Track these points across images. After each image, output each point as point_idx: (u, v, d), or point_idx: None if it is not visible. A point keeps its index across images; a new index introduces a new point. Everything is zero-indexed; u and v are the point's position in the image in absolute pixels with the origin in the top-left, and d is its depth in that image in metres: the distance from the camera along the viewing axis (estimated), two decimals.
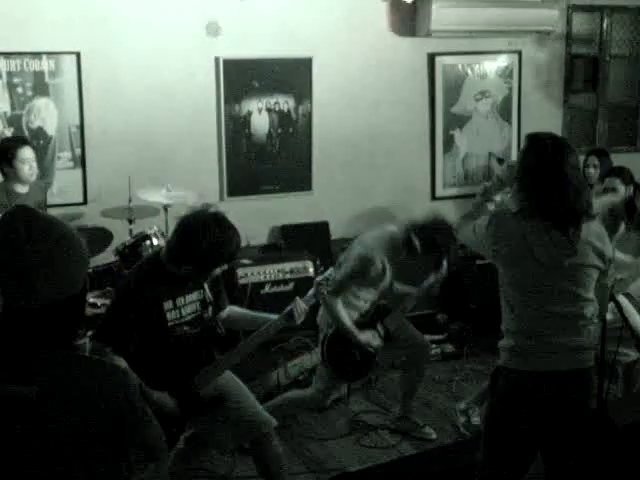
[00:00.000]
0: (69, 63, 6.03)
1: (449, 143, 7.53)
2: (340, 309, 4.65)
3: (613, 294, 3.71)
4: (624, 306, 4.06)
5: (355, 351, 4.78)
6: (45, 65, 5.98)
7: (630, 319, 4.17)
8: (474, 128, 7.48)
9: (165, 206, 5.66)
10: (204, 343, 3.83)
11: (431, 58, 7.34)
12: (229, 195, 6.66)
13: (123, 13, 6.13)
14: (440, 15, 6.80)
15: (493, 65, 7.61)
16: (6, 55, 5.84)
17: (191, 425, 3.82)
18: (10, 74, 5.89)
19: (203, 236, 3.54)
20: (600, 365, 3.67)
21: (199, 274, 3.68)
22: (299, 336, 5.74)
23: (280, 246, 6.76)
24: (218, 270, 3.70)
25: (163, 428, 2.34)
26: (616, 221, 4.73)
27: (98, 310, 4.86)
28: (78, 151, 6.19)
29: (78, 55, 6.02)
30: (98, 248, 5.42)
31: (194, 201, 5.01)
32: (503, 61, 7.65)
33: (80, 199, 6.22)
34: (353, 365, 4.85)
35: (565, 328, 3.29)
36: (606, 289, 3.54)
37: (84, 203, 6.21)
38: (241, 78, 6.56)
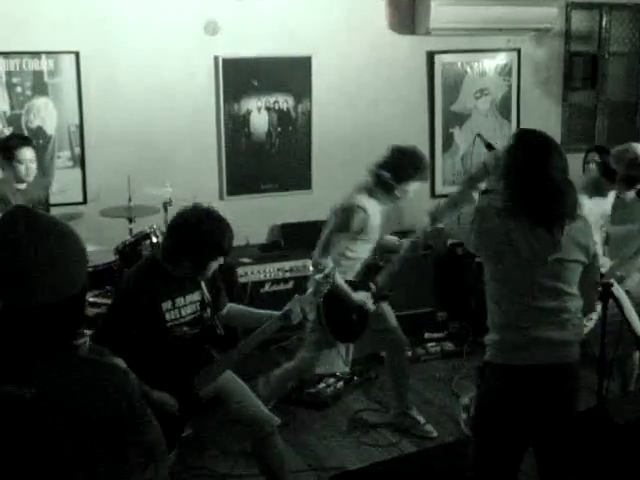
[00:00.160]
0: (68, 63, 6.03)
1: (448, 141, 7.54)
2: None
3: (612, 291, 3.72)
4: (624, 304, 4.06)
5: (350, 312, 4.78)
6: (44, 65, 5.98)
7: (629, 317, 4.17)
8: (473, 126, 7.48)
9: (165, 205, 5.66)
10: (203, 343, 3.84)
11: (430, 56, 7.34)
12: (229, 194, 6.67)
13: (122, 13, 6.14)
14: (439, 13, 6.81)
15: (492, 63, 7.61)
16: (5, 55, 5.84)
17: (191, 425, 3.82)
18: (9, 74, 5.90)
19: (196, 228, 3.59)
20: (599, 363, 3.68)
21: (196, 269, 3.69)
22: (300, 335, 5.74)
23: (280, 245, 6.76)
24: (215, 264, 3.70)
25: (163, 428, 2.34)
26: (600, 191, 4.72)
27: (98, 309, 4.87)
28: (77, 150, 6.20)
29: (77, 55, 6.03)
30: None
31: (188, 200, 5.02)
32: (502, 59, 7.65)
33: (80, 198, 6.23)
34: (349, 325, 4.85)
35: (548, 322, 3.31)
36: (592, 284, 3.57)
37: (84, 202, 6.22)
38: (240, 77, 6.56)
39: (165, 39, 6.27)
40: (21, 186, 5.48)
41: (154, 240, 5.31)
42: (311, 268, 4.76)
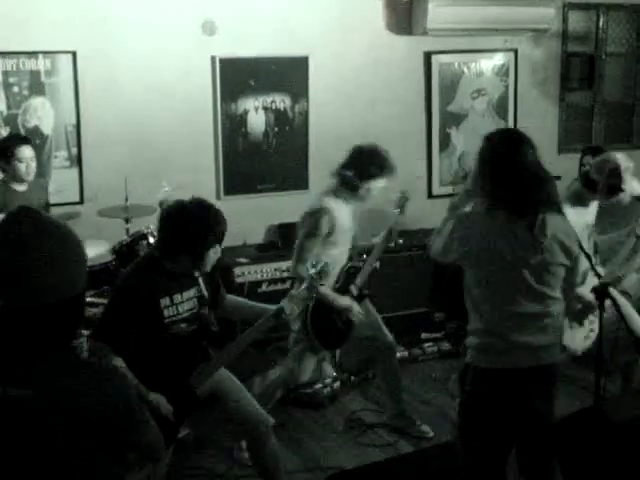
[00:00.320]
0: (65, 62, 6.03)
1: (445, 141, 7.54)
2: None
3: (609, 291, 3.72)
4: (621, 304, 4.06)
5: (335, 318, 4.77)
6: (41, 64, 5.97)
7: (627, 317, 4.17)
8: (470, 126, 7.48)
9: (161, 205, 5.65)
10: (200, 340, 3.83)
11: (427, 56, 7.34)
12: (226, 194, 6.66)
13: (119, 13, 6.13)
14: (436, 13, 6.81)
15: (489, 63, 7.62)
16: (2, 55, 5.84)
17: (188, 425, 3.82)
18: (6, 73, 5.89)
19: (188, 217, 3.59)
20: (597, 362, 3.68)
21: (195, 261, 3.68)
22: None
23: (277, 245, 6.76)
24: (212, 254, 3.69)
25: (160, 426, 2.34)
26: (582, 202, 4.75)
27: (95, 309, 4.85)
28: (74, 150, 6.19)
29: (74, 54, 6.02)
30: None
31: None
32: (499, 59, 7.66)
33: (77, 198, 6.22)
34: (335, 332, 4.82)
35: (530, 327, 3.36)
36: (574, 287, 3.59)
37: (80, 202, 6.21)
38: (237, 77, 6.56)
39: (162, 39, 6.27)
40: (20, 187, 5.47)
41: (151, 240, 5.30)
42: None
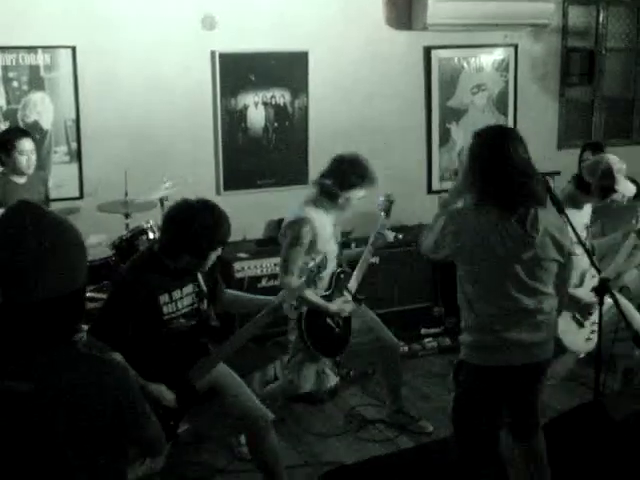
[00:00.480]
0: (65, 57, 6.01)
1: (445, 136, 7.53)
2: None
3: (610, 287, 3.73)
4: (620, 300, 4.06)
5: (331, 323, 4.77)
6: (40, 59, 5.96)
7: (626, 313, 4.18)
8: (470, 122, 7.47)
9: (161, 200, 5.66)
10: (199, 335, 3.84)
11: (427, 51, 7.33)
12: (225, 189, 6.66)
13: (119, 7, 6.12)
14: (436, 8, 6.79)
15: (489, 58, 7.60)
16: (1, 49, 5.82)
17: (187, 419, 3.82)
18: (5, 68, 5.88)
19: (191, 221, 3.58)
20: (596, 359, 3.69)
21: (198, 261, 3.68)
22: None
23: (276, 240, 6.72)
24: (214, 255, 3.70)
25: (160, 420, 2.34)
26: (576, 204, 4.76)
27: (95, 304, 4.85)
28: (74, 145, 6.19)
29: (74, 49, 6.01)
30: None
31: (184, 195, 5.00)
32: (499, 54, 7.64)
33: (76, 193, 6.21)
34: (333, 339, 4.82)
35: (522, 324, 3.39)
36: (566, 283, 3.61)
37: (80, 197, 6.20)
38: (237, 72, 6.55)
39: (162, 34, 6.25)
40: (21, 180, 5.47)
41: (150, 235, 5.31)
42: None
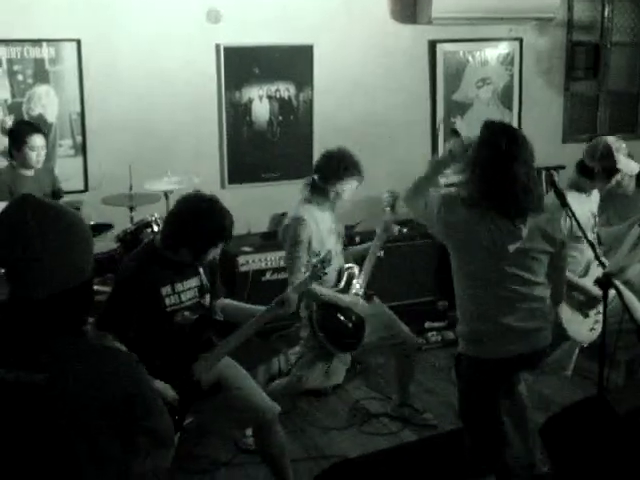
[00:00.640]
0: (69, 50, 6.02)
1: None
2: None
3: (613, 281, 3.73)
4: (624, 293, 4.06)
5: (344, 318, 4.77)
6: (45, 52, 5.97)
7: (631, 307, 4.18)
8: (475, 115, 7.46)
9: (166, 193, 5.67)
10: (204, 329, 3.85)
11: (432, 45, 7.32)
12: (230, 182, 6.67)
13: (124, 1, 6.12)
14: (441, 2, 6.79)
15: (494, 52, 7.59)
16: (6, 42, 5.83)
17: (192, 413, 3.83)
18: (10, 61, 5.88)
19: (194, 217, 3.61)
20: (600, 353, 3.69)
21: (196, 256, 3.70)
22: (299, 324, 5.74)
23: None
24: (213, 252, 3.71)
25: None
26: (583, 191, 4.76)
27: (100, 297, 4.86)
28: (79, 139, 6.19)
29: (79, 42, 6.01)
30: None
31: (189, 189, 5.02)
32: (504, 48, 7.63)
33: (81, 186, 6.22)
34: (347, 334, 4.83)
35: (517, 311, 3.44)
36: (562, 271, 3.63)
37: (85, 190, 6.21)
38: (242, 65, 6.55)
39: (167, 27, 6.26)
40: (28, 173, 5.49)
41: (155, 229, 5.31)
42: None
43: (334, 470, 4.45)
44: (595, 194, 4.76)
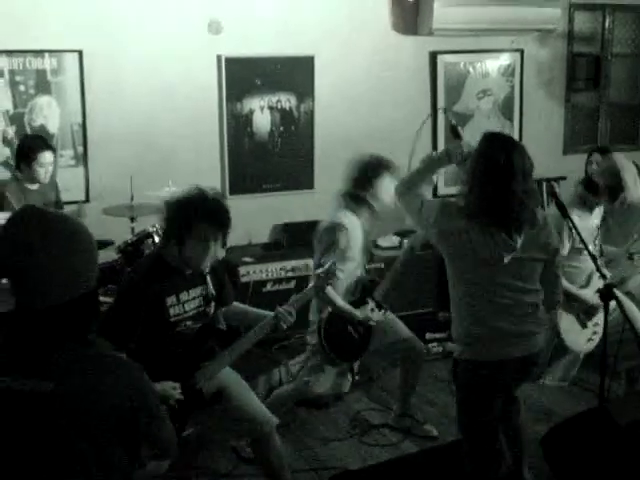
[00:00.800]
0: (71, 61, 6.04)
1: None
2: (329, 290, 4.53)
3: (614, 292, 3.72)
4: (625, 304, 4.06)
5: (352, 330, 4.77)
6: (47, 63, 5.99)
7: (632, 318, 4.18)
8: (476, 126, 7.47)
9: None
10: (206, 339, 3.84)
11: (433, 56, 7.34)
12: (231, 193, 6.67)
13: (125, 11, 6.15)
14: (442, 14, 6.81)
15: (495, 63, 7.61)
16: (8, 53, 5.85)
17: (192, 423, 3.82)
18: (12, 72, 5.90)
19: (181, 201, 3.65)
20: (601, 364, 3.69)
21: (179, 245, 3.68)
22: (301, 334, 5.73)
23: (282, 244, 6.76)
24: (213, 247, 3.70)
25: None
26: (587, 206, 4.76)
27: (101, 307, 4.86)
28: (80, 149, 6.21)
29: (80, 53, 6.03)
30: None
31: None
32: (505, 59, 7.65)
33: (82, 197, 6.22)
34: (352, 344, 4.83)
35: (510, 316, 3.46)
36: (557, 278, 3.64)
37: (86, 201, 6.21)
38: (243, 76, 6.57)
39: (168, 38, 6.28)
40: (34, 186, 5.49)
41: (156, 239, 5.31)
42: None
43: None
44: (599, 209, 4.78)
